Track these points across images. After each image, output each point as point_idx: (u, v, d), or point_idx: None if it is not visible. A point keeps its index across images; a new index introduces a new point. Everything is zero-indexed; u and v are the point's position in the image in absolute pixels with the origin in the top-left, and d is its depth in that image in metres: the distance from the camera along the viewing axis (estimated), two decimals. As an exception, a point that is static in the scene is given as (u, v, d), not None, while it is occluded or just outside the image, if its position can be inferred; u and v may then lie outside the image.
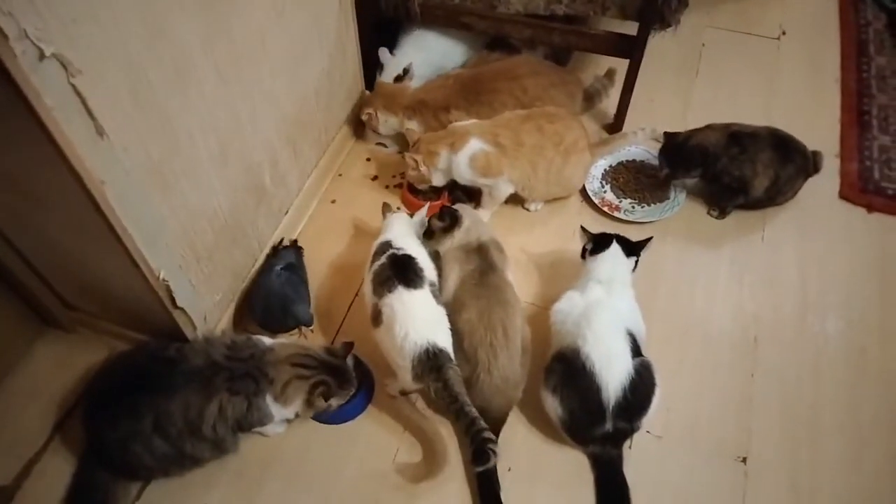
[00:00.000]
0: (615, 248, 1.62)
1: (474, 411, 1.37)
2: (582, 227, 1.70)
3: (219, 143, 1.47)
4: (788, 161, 1.90)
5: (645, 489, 1.48)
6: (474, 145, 1.83)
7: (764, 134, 1.91)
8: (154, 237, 1.32)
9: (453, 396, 1.37)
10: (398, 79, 2.16)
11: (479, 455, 1.32)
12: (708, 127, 1.96)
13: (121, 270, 1.32)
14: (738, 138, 1.90)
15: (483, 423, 1.35)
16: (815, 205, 2.03)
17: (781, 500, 1.49)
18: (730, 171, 1.90)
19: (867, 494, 1.49)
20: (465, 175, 1.87)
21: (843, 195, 2.06)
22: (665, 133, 1.98)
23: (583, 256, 1.66)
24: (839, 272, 1.89)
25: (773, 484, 1.51)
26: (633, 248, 1.65)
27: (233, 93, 1.48)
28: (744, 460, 1.54)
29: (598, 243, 1.62)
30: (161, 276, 1.36)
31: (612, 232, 1.69)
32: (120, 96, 1.14)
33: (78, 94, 1.04)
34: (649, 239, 1.68)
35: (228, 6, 1.39)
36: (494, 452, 1.32)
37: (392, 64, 2.17)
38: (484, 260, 1.58)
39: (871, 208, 2.02)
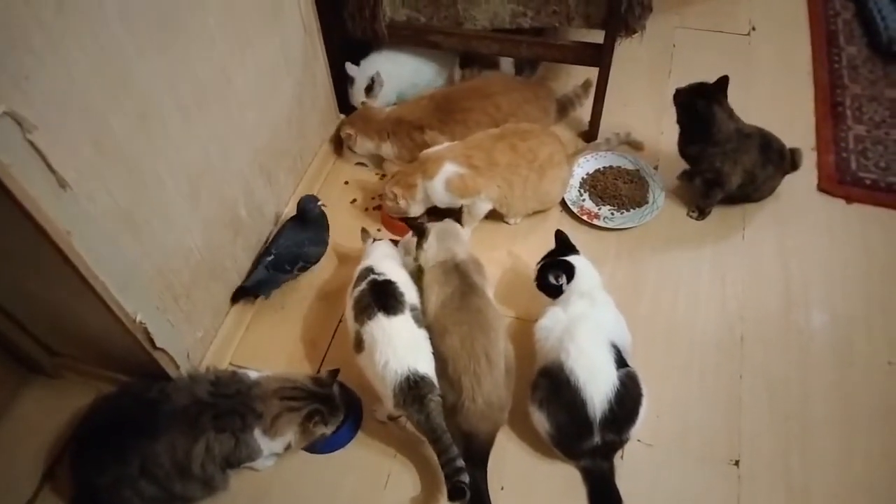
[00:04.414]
0: (581, 259, 1.63)
1: (450, 442, 1.38)
2: (545, 267, 1.63)
3: (189, 182, 1.47)
4: (767, 161, 1.91)
5: (639, 499, 1.48)
6: (448, 169, 1.84)
7: (755, 135, 1.90)
8: (127, 281, 1.31)
9: (433, 429, 1.38)
10: (368, 89, 2.16)
11: (453, 493, 1.34)
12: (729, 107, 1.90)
13: (96, 316, 1.32)
14: (739, 135, 1.88)
15: (455, 453, 1.37)
16: (795, 199, 2.04)
17: (776, 501, 1.48)
18: (713, 162, 1.87)
19: (861, 489, 1.49)
20: (442, 199, 1.88)
21: (822, 188, 2.07)
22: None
23: (560, 291, 1.60)
24: (821, 265, 1.89)
25: (766, 485, 1.50)
26: (573, 248, 1.68)
27: (200, 131, 1.48)
28: (736, 463, 1.54)
29: (566, 269, 1.59)
30: (138, 319, 1.36)
31: (577, 241, 1.72)
32: (81, 146, 1.14)
33: (36, 149, 1.04)
34: (558, 232, 1.72)
35: (188, 47, 1.39)
36: (467, 488, 1.34)
37: (360, 75, 2.17)
38: (462, 280, 1.58)
39: (849, 199, 2.03)
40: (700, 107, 1.85)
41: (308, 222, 1.83)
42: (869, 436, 1.57)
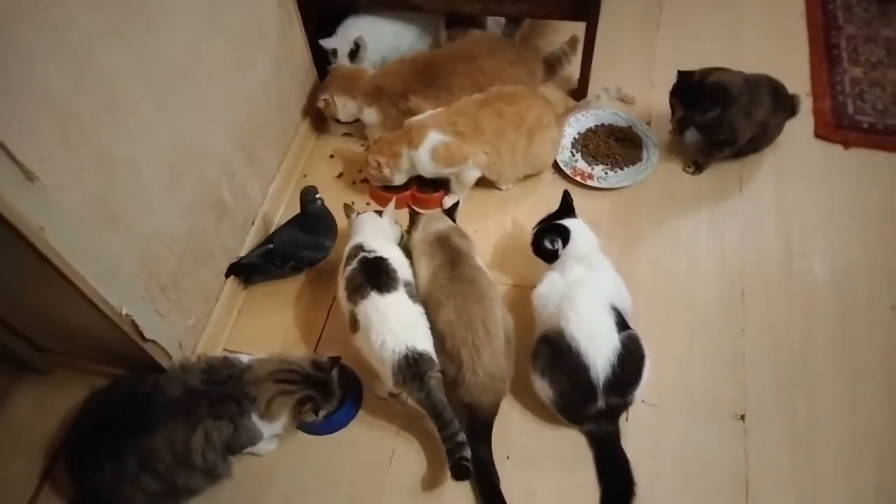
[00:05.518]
0: (577, 222, 1.59)
1: (451, 417, 1.36)
2: (540, 232, 1.60)
3: (166, 167, 1.42)
4: (779, 109, 1.86)
5: (646, 459, 1.47)
6: (433, 138, 1.78)
7: (764, 83, 1.84)
8: (109, 274, 1.27)
9: (434, 405, 1.36)
10: (352, 54, 2.08)
11: (458, 472, 1.34)
12: (720, 69, 1.84)
13: (80, 312, 1.28)
14: (750, 86, 1.81)
15: (456, 428, 1.36)
16: (791, 147, 1.99)
17: (783, 452, 1.48)
18: (732, 121, 1.80)
19: (866, 437, 1.49)
20: (428, 168, 1.83)
21: (819, 134, 2.02)
22: (679, 72, 1.84)
23: (556, 256, 1.56)
24: (821, 214, 1.86)
25: (773, 438, 1.50)
26: (571, 211, 1.63)
27: (173, 112, 1.42)
28: (742, 417, 1.53)
29: (561, 233, 1.56)
30: (124, 312, 1.32)
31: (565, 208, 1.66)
32: (46, 137, 1.09)
33: (-3, 142, 0.98)
34: (565, 192, 1.67)
35: (153, 24, 1.32)
36: (470, 465, 1.34)
37: (341, 42, 2.07)
38: (448, 249, 1.55)
39: (847, 144, 1.99)
40: (708, 83, 1.78)
41: (309, 221, 1.74)
42: (873, 382, 1.56)
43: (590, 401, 1.43)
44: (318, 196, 1.73)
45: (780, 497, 1.42)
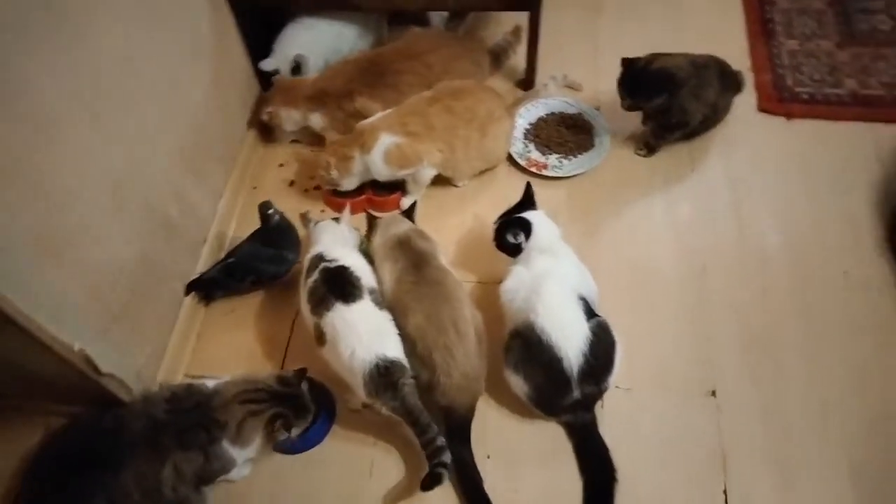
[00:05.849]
0: (537, 214, 1.58)
1: (428, 422, 1.35)
2: (502, 227, 1.58)
3: (108, 191, 1.36)
4: (727, 89, 1.88)
5: (624, 443, 1.47)
6: (385, 140, 1.75)
7: (711, 64, 1.86)
8: (58, 310, 1.20)
9: (410, 412, 1.34)
10: (295, 70, 2.03)
11: (430, 480, 1.33)
12: (667, 54, 1.85)
13: (31, 352, 1.21)
14: (697, 68, 1.83)
15: (434, 432, 1.34)
16: (737, 123, 2.03)
17: (754, 424, 1.51)
18: (683, 104, 1.82)
19: (832, 402, 1.52)
20: (383, 172, 1.79)
21: (762, 108, 2.06)
22: (623, 60, 1.83)
23: (520, 250, 1.55)
24: (770, 186, 1.90)
25: (744, 411, 1.52)
26: (532, 203, 1.62)
27: (111, 133, 1.35)
28: (713, 393, 1.55)
29: (523, 226, 1.55)
30: (77, 348, 1.25)
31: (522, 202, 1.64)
32: (-26, 171, 1.02)
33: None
34: (528, 184, 1.66)
35: (83, 42, 1.26)
36: (446, 471, 1.33)
37: (281, 61, 2.02)
38: (411, 252, 1.52)
39: (790, 116, 2.04)
40: (653, 70, 1.79)
41: (270, 234, 1.70)
42: (833, 347, 1.60)
43: (565, 392, 1.43)
44: (272, 211, 1.68)
45: (756, 468, 1.45)
